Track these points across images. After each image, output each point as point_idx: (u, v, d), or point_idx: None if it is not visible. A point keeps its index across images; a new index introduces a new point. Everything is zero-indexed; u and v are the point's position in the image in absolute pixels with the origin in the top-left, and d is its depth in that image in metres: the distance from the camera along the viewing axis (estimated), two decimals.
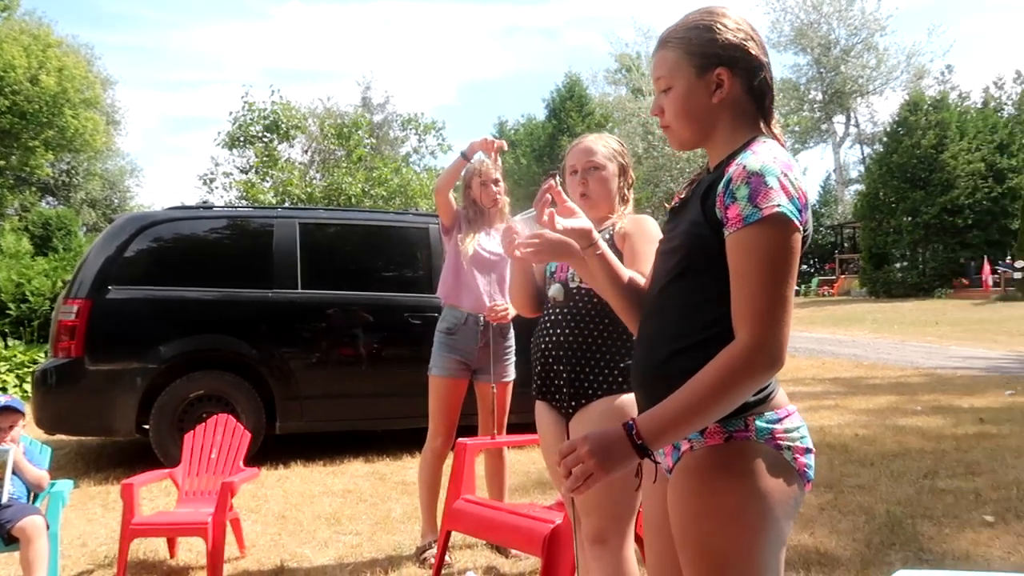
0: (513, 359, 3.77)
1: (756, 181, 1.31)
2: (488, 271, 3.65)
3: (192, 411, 5.23)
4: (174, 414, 5.22)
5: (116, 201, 39.61)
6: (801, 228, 1.33)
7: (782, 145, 1.45)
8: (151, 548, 3.74)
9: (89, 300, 5.15)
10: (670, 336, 1.43)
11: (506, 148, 3.60)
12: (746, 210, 1.30)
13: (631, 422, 1.35)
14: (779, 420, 1.40)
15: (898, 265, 28.61)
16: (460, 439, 3.29)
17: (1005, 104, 32.52)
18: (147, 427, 5.27)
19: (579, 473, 1.33)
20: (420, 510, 3.66)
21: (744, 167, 1.33)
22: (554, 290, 1.79)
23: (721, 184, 1.36)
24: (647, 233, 2.09)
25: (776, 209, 1.29)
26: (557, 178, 1.65)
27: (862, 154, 40.81)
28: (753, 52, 1.44)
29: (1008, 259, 24.89)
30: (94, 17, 66.14)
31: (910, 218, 27.51)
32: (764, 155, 1.35)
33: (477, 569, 3.35)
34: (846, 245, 36.17)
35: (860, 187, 35.45)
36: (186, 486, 3.74)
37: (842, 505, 4.11)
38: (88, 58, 32.67)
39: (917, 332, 15.80)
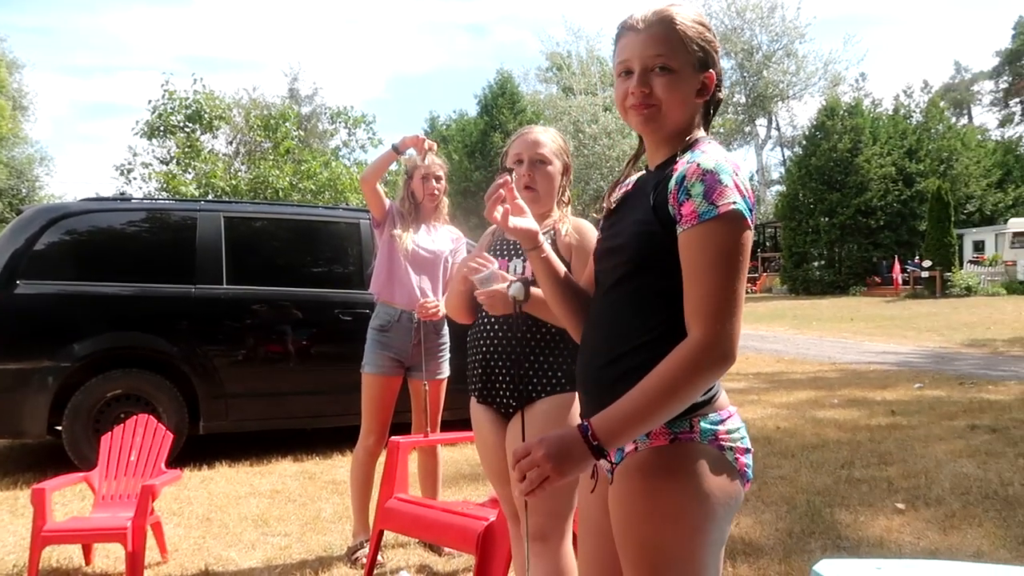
0: (447, 356, 3.73)
1: (711, 179, 1.31)
2: (423, 269, 3.60)
3: (109, 411, 5.01)
4: (89, 415, 4.99)
5: (24, 191, 37.60)
6: (752, 227, 1.34)
7: None
8: (65, 556, 3.56)
9: None
10: (617, 336, 1.42)
11: (435, 150, 3.53)
12: (701, 207, 1.30)
13: (586, 424, 1.32)
14: (722, 421, 1.41)
15: (816, 264, 29.79)
16: (393, 437, 3.25)
17: (913, 112, 34.17)
18: (60, 428, 5.02)
19: (534, 477, 1.30)
20: (351, 509, 3.59)
21: (698, 164, 1.33)
22: (514, 289, 1.74)
23: (673, 181, 1.35)
24: (593, 243, 2.09)
25: (732, 206, 1.30)
26: (513, 175, 1.63)
27: (783, 156, 42.31)
28: (719, 68, 1.46)
29: (916, 259, 26.19)
30: None
31: (827, 219, 28.67)
32: (716, 154, 1.36)
33: (410, 568, 3.32)
34: (768, 244, 37.38)
35: (781, 188, 36.73)
36: (103, 490, 3.58)
37: (765, 496, 4.25)
38: None
39: (834, 328, 16.47)
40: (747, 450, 1.44)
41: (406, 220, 3.61)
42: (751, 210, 1.34)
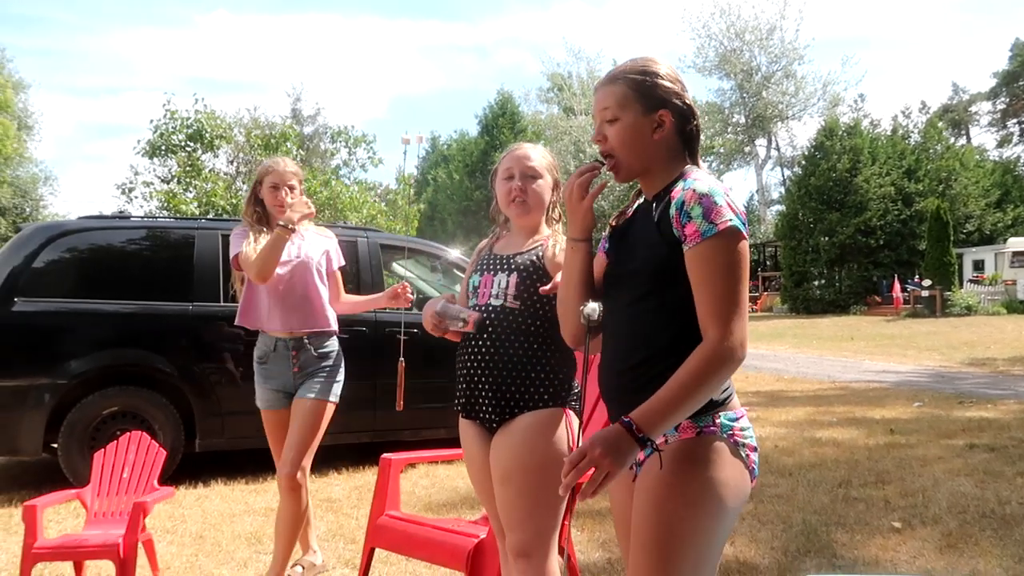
0: (337, 380, 3.34)
1: (707, 201, 1.51)
2: (288, 285, 3.21)
3: (105, 429, 5.00)
4: (85, 432, 4.98)
5: (28, 210, 37.75)
6: (747, 239, 1.54)
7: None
8: (56, 573, 3.55)
9: None
10: (638, 347, 1.60)
11: (314, 213, 3.16)
12: (703, 226, 1.50)
13: (628, 419, 1.46)
14: (736, 419, 1.60)
15: (816, 283, 29.80)
16: (384, 455, 3.24)
17: (912, 132, 34.36)
18: (55, 446, 5.01)
19: (597, 476, 1.43)
20: (275, 546, 3.32)
21: (694, 190, 1.52)
22: (589, 309, 1.74)
23: (673, 207, 1.54)
24: None
25: (729, 223, 1.50)
26: (604, 169, 1.70)
27: (782, 176, 42.42)
28: (687, 102, 1.65)
29: (916, 278, 26.19)
30: (1, 18, 63.32)
31: (827, 238, 28.72)
32: (706, 180, 1.55)
33: None
34: (768, 263, 37.42)
35: (781, 208, 36.80)
36: (95, 507, 3.57)
37: (761, 514, 4.23)
38: None
39: (834, 347, 16.44)
40: (755, 448, 1.62)
41: (255, 236, 3.17)
42: (744, 224, 1.53)
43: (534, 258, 2.17)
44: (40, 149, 49.79)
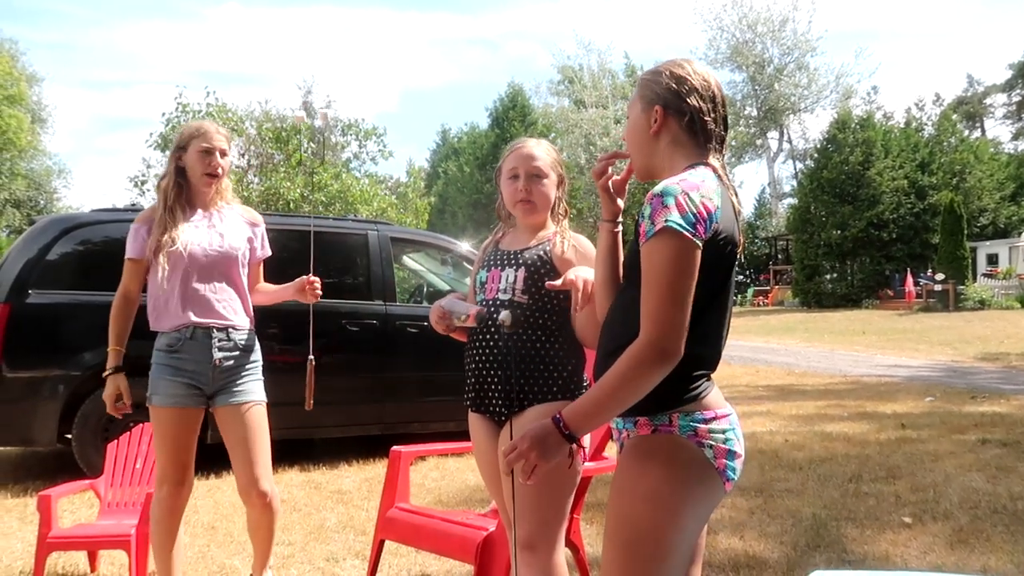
0: (259, 377, 3.03)
1: (656, 201, 1.50)
2: (207, 272, 2.84)
3: (118, 421, 5.03)
4: (98, 423, 5.02)
5: (42, 202, 38.05)
6: (696, 238, 1.47)
7: (715, 171, 1.62)
8: (71, 562, 3.59)
9: (7, 304, 4.92)
10: (612, 337, 1.64)
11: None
12: (647, 226, 1.51)
13: (558, 416, 1.53)
14: (706, 420, 1.56)
15: (828, 276, 29.67)
16: (394, 447, 3.24)
17: (925, 124, 34.09)
18: (69, 437, 5.06)
19: (524, 468, 1.52)
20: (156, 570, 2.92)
21: (652, 191, 1.54)
22: (504, 316, 1.88)
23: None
24: (592, 259, 2.09)
25: (665, 223, 1.47)
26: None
27: (795, 169, 42.18)
28: (689, 99, 1.63)
29: (929, 272, 26.04)
30: (12, 11, 63.64)
31: (839, 231, 28.57)
32: (673, 179, 1.54)
33: None
34: (780, 257, 37.27)
35: (793, 201, 36.61)
36: (109, 497, 3.61)
37: (771, 509, 4.22)
38: (12, 53, 31.42)
39: (845, 341, 16.37)
40: (730, 451, 1.58)
41: (175, 214, 2.79)
42: (696, 223, 1.47)
43: (541, 253, 2.17)
44: (54, 142, 50.30)
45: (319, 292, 3.04)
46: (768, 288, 34.06)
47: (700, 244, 1.48)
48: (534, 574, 2.04)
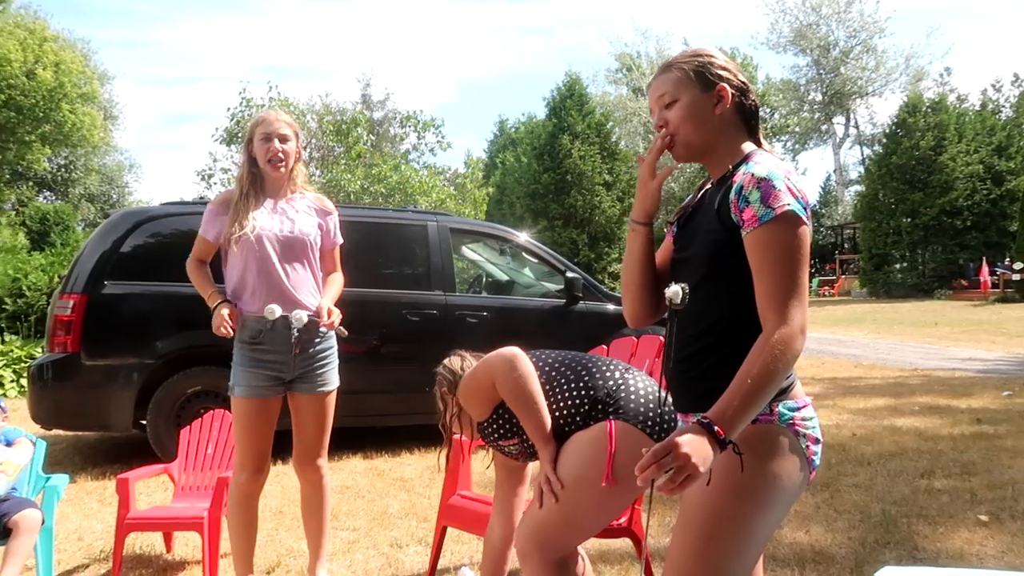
0: (335, 363, 3.07)
1: (766, 186, 1.49)
2: (285, 260, 2.87)
3: (189, 407, 5.22)
4: (171, 410, 5.22)
5: (115, 196, 39.57)
6: (808, 223, 1.50)
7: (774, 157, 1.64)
8: (148, 542, 3.74)
9: (85, 295, 5.14)
10: (697, 335, 1.59)
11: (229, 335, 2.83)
12: (760, 211, 1.48)
13: (707, 420, 1.40)
14: (798, 408, 1.56)
15: (898, 266, 28.67)
16: (456, 435, 3.26)
17: (1003, 107, 32.57)
18: (144, 423, 5.26)
19: (677, 477, 1.35)
20: (233, 560, 3.01)
21: (752, 175, 1.51)
22: (671, 292, 1.61)
23: (732, 192, 1.53)
24: None
25: (787, 207, 1.47)
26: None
27: (862, 155, 40.84)
28: (740, 78, 1.67)
29: (1007, 261, 24.89)
30: (84, 12, 65.97)
31: (909, 219, 27.56)
32: (767, 163, 1.53)
33: (473, 565, 3.35)
34: (846, 246, 36.20)
35: (860, 188, 35.47)
36: (182, 481, 3.74)
37: (838, 504, 4.12)
38: (85, 53, 32.61)
39: (916, 333, 15.81)
40: (817, 439, 1.58)
41: (248, 201, 2.85)
42: (805, 208, 1.50)
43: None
44: (124, 138, 51.97)
45: (335, 323, 2.95)
46: (834, 278, 33.13)
47: (809, 227, 1.51)
48: None
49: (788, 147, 42.78)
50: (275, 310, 2.81)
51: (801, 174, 44.82)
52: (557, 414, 2.14)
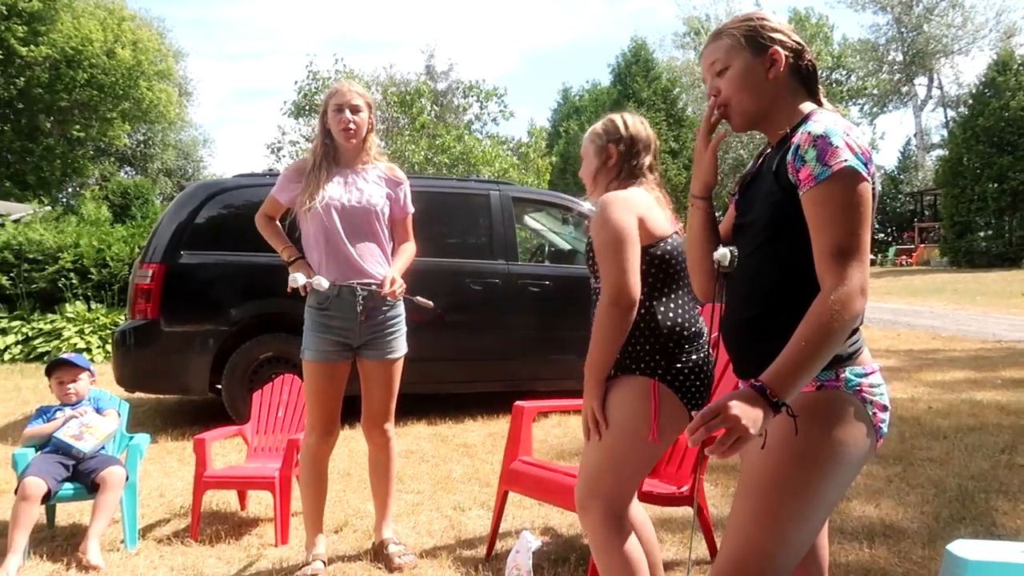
0: (403, 330, 3.11)
1: (822, 143, 1.44)
2: (352, 230, 2.94)
3: (262, 372, 5.40)
4: (245, 374, 5.41)
5: (190, 171, 40.87)
6: (869, 179, 1.44)
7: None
8: (223, 500, 3.91)
9: (163, 264, 5.35)
10: (757, 298, 1.58)
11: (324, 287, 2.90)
12: (816, 169, 1.43)
13: (761, 383, 1.38)
14: (866, 375, 1.53)
15: (982, 234, 27.28)
16: (517, 402, 3.30)
17: None
18: (220, 387, 5.48)
19: (727, 439, 1.34)
20: (304, 518, 3.08)
21: (809, 133, 1.46)
22: (719, 254, 1.63)
23: (790, 152, 1.49)
24: None
25: (844, 164, 1.42)
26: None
27: (945, 117, 38.87)
28: (794, 39, 1.61)
29: None
30: None
31: (996, 184, 26.12)
32: (825, 120, 1.49)
33: (534, 529, 3.39)
34: (926, 213, 34.67)
35: (942, 152, 33.79)
36: (255, 442, 3.89)
37: (911, 478, 3.99)
38: (160, 31, 33.61)
39: (1001, 304, 15.10)
40: (885, 407, 1.54)
41: (321, 171, 2.92)
42: (866, 164, 1.44)
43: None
44: (199, 114, 53.61)
45: (396, 293, 2.97)
46: (912, 247, 31.83)
47: (871, 184, 1.45)
48: (589, 534, 2.07)
49: (865, 111, 41.02)
50: (298, 279, 2.89)
51: (880, 138, 43.01)
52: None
